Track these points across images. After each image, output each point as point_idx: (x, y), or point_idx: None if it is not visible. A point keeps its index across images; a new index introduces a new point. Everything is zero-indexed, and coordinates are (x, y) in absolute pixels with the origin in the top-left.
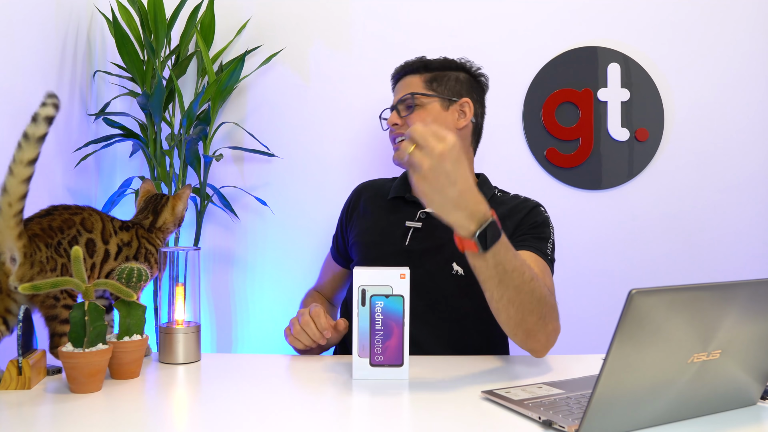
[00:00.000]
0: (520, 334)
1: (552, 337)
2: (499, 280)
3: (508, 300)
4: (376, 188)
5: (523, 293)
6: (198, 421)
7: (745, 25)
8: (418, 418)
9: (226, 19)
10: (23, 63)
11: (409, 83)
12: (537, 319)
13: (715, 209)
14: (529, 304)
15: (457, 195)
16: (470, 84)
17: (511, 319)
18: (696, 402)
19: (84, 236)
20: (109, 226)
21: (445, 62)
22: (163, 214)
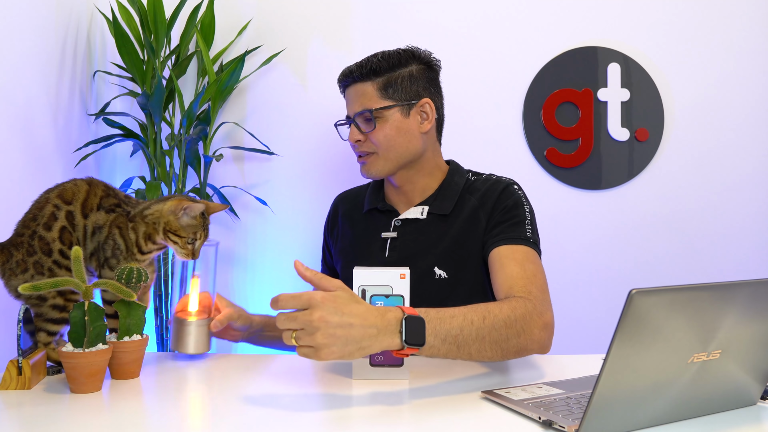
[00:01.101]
0: (513, 356)
1: (544, 334)
2: (458, 347)
3: (479, 351)
4: (352, 200)
5: (486, 337)
6: (198, 421)
7: (744, 25)
8: (418, 418)
9: (226, 20)
10: (23, 63)
11: (362, 93)
12: (518, 339)
13: (715, 209)
14: (500, 338)
15: (362, 331)
16: (424, 76)
17: (495, 357)
18: (696, 402)
19: (63, 209)
20: (94, 200)
21: (392, 59)
22: (157, 206)
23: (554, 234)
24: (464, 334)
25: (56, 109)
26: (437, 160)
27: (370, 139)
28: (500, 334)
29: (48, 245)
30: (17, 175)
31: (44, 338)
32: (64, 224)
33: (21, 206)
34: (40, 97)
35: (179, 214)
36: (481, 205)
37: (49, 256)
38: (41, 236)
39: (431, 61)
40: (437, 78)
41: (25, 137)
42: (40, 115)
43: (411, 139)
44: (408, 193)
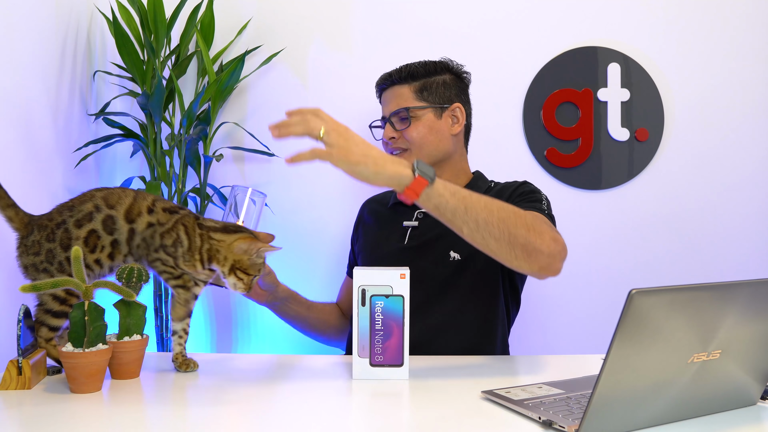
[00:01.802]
0: (520, 253)
1: (554, 246)
2: (465, 208)
3: (485, 222)
4: (379, 200)
5: (495, 210)
6: (198, 421)
7: (745, 25)
8: (418, 418)
9: (226, 19)
10: (23, 63)
11: (399, 94)
12: (526, 231)
13: (715, 209)
14: (508, 219)
15: (379, 153)
16: (456, 85)
17: (501, 240)
18: (696, 402)
19: (103, 213)
20: (144, 203)
21: (429, 66)
22: (224, 235)
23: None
24: (473, 198)
25: (56, 109)
26: (464, 164)
27: (404, 136)
28: (509, 216)
29: (69, 240)
30: (17, 175)
31: (45, 333)
32: (96, 228)
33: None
34: (40, 97)
35: (252, 255)
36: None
37: (65, 251)
38: (68, 229)
39: (462, 73)
40: (467, 89)
41: (25, 137)
42: (40, 115)
43: (442, 139)
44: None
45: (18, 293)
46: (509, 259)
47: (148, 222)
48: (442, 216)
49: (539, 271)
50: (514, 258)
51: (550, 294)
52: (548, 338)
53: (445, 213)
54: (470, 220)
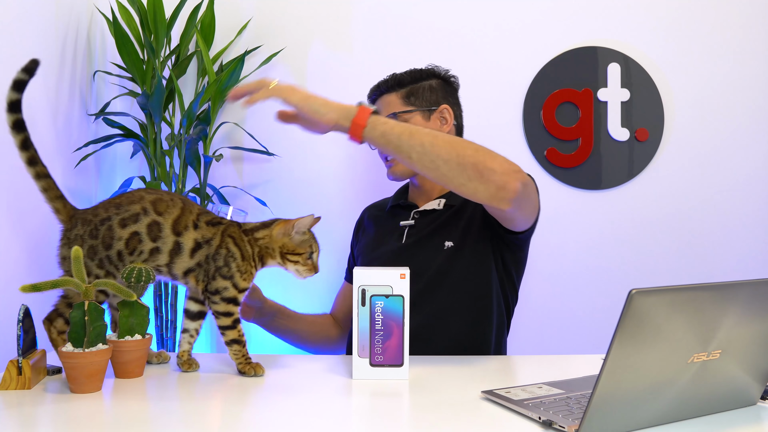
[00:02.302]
0: (473, 173)
1: (507, 165)
2: (410, 133)
3: (432, 144)
4: (379, 205)
5: (440, 136)
6: (198, 421)
7: (745, 25)
8: (418, 418)
9: (226, 19)
10: (23, 63)
11: (387, 102)
12: (474, 151)
13: (715, 209)
14: (455, 142)
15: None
16: (444, 88)
17: (450, 161)
18: (696, 402)
19: (150, 217)
20: (190, 217)
21: (415, 73)
22: (265, 230)
23: (554, 234)
24: (419, 128)
25: (56, 109)
26: None
27: None
28: (456, 140)
29: (112, 239)
30: (17, 175)
31: (61, 325)
32: (140, 231)
33: (21, 206)
34: (40, 97)
35: (291, 234)
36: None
37: (106, 250)
38: (111, 227)
39: (449, 78)
40: (456, 93)
41: None
42: (40, 115)
43: None
44: (428, 191)
45: (18, 293)
46: (463, 181)
47: (195, 240)
48: (389, 144)
49: (496, 192)
50: (468, 180)
51: (551, 294)
52: (548, 338)
53: (392, 139)
54: (416, 143)
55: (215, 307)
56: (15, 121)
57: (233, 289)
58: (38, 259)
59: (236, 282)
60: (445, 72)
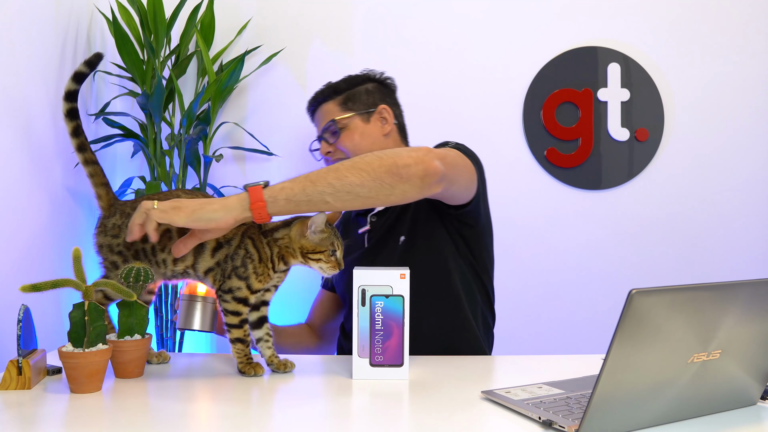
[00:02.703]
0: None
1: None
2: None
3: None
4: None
5: (340, 167)
6: (198, 421)
7: (745, 25)
8: (418, 418)
9: (226, 19)
10: (23, 63)
11: (326, 111)
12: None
13: (715, 209)
14: (357, 162)
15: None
16: (381, 90)
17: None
18: (696, 402)
19: None
20: None
21: (351, 79)
22: (285, 230)
23: (554, 234)
24: (314, 172)
25: (56, 109)
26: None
27: (339, 148)
28: (356, 161)
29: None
30: (17, 175)
31: (101, 300)
32: (171, 228)
33: (21, 206)
34: (40, 97)
35: (307, 234)
36: None
37: (142, 243)
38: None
39: (386, 80)
40: (394, 93)
41: (25, 137)
42: (40, 115)
43: (375, 141)
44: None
45: (18, 293)
46: (387, 192)
47: (217, 240)
48: (299, 204)
49: (421, 183)
50: (391, 188)
51: (551, 294)
52: (548, 338)
53: (299, 198)
54: (324, 187)
55: (225, 305)
56: (69, 109)
57: (246, 290)
58: (38, 259)
59: (250, 283)
60: (381, 74)
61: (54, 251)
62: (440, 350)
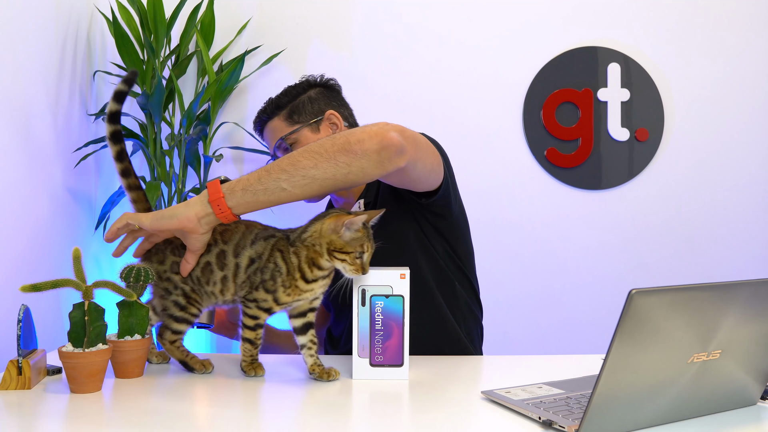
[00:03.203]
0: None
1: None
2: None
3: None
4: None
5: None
6: (198, 421)
7: (745, 26)
8: (418, 418)
9: (226, 19)
10: (23, 63)
11: (273, 129)
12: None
13: (715, 209)
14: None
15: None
16: (324, 95)
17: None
18: (696, 402)
19: (218, 247)
20: (249, 237)
21: (291, 91)
22: (315, 226)
23: (554, 234)
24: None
25: (56, 109)
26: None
27: None
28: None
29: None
30: (17, 175)
31: (169, 336)
32: (211, 261)
33: (21, 206)
34: (40, 97)
35: (341, 231)
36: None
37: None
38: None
39: (328, 82)
40: (339, 94)
41: (25, 137)
42: (40, 115)
43: None
44: (346, 196)
45: (18, 293)
46: (344, 171)
47: (249, 257)
48: (256, 194)
49: (379, 156)
50: (346, 165)
51: (551, 294)
52: (548, 338)
53: (257, 187)
54: (278, 174)
55: (246, 310)
56: (113, 132)
57: (272, 302)
58: (38, 259)
59: (278, 297)
60: (321, 78)
61: (54, 251)
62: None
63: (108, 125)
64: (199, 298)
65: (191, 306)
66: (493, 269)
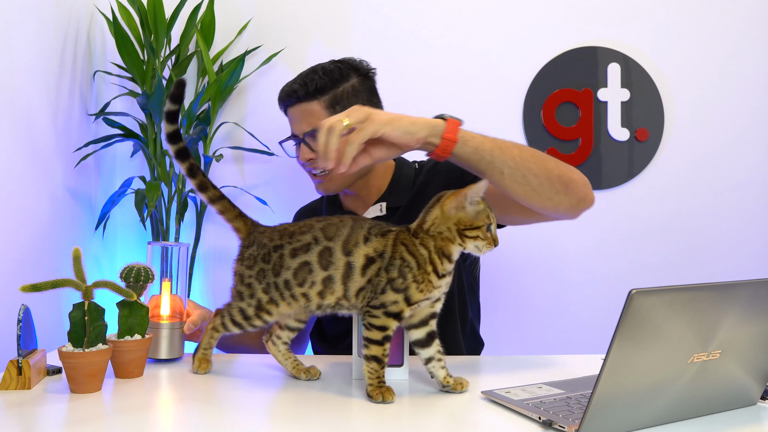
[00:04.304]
0: (560, 186)
1: (583, 177)
2: (499, 147)
3: (521, 158)
4: (310, 214)
5: (526, 150)
6: (198, 421)
7: (744, 26)
8: (418, 418)
9: (226, 19)
10: (23, 63)
11: (309, 112)
12: (555, 163)
13: (715, 209)
14: (536, 153)
15: (403, 118)
16: (365, 88)
17: (540, 175)
18: (696, 402)
19: (321, 244)
20: (360, 233)
21: (333, 74)
22: (431, 213)
23: (554, 234)
24: (504, 142)
25: (56, 109)
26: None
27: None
28: (534, 151)
29: (281, 268)
30: (17, 175)
31: (217, 324)
32: (310, 261)
33: (21, 206)
34: (40, 97)
35: (466, 206)
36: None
37: (275, 276)
38: (283, 255)
39: (369, 71)
40: (375, 87)
41: (25, 137)
42: (40, 115)
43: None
44: (364, 197)
45: (18, 293)
46: (550, 195)
47: (366, 255)
48: (480, 162)
49: (577, 203)
50: (555, 193)
51: (551, 294)
52: (548, 338)
53: (484, 155)
54: (508, 159)
55: (372, 320)
56: (178, 150)
57: (403, 303)
58: (38, 259)
59: (409, 295)
60: (363, 64)
61: (54, 251)
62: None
63: (171, 145)
64: (271, 312)
65: (257, 319)
66: (493, 269)
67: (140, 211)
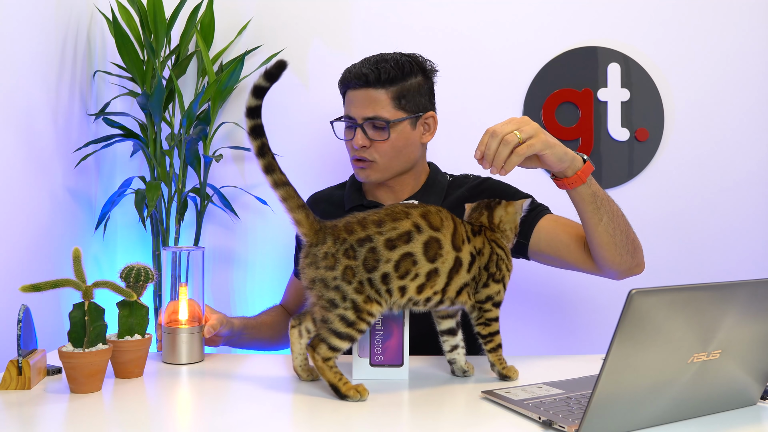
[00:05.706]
0: (631, 247)
1: (641, 245)
2: (607, 199)
3: (617, 214)
4: (329, 200)
5: (618, 211)
6: (198, 421)
7: (744, 25)
8: (418, 418)
9: (226, 20)
10: (23, 63)
11: (374, 99)
12: (630, 227)
13: (714, 209)
14: (623, 219)
15: (558, 145)
16: (428, 88)
17: (624, 233)
18: (696, 402)
19: (425, 234)
20: (462, 228)
21: (403, 67)
22: (498, 211)
23: None
24: (606, 197)
25: (56, 109)
26: (424, 163)
27: (377, 147)
28: (626, 224)
29: (377, 262)
30: (17, 175)
31: (324, 352)
32: (412, 252)
33: (21, 206)
34: (40, 97)
35: (521, 213)
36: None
37: (368, 272)
38: (375, 248)
39: (432, 71)
40: (433, 89)
41: (25, 137)
42: (40, 115)
43: (413, 150)
44: (397, 192)
45: (18, 293)
46: (622, 252)
47: (470, 252)
48: (592, 203)
49: (635, 267)
50: (626, 251)
51: (551, 294)
52: (548, 338)
53: (596, 200)
54: (609, 210)
55: (489, 315)
56: (253, 126)
57: (503, 291)
58: (38, 259)
59: (506, 283)
60: (429, 63)
61: (54, 251)
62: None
63: (247, 120)
64: (374, 310)
65: (361, 321)
66: None
67: (140, 211)
